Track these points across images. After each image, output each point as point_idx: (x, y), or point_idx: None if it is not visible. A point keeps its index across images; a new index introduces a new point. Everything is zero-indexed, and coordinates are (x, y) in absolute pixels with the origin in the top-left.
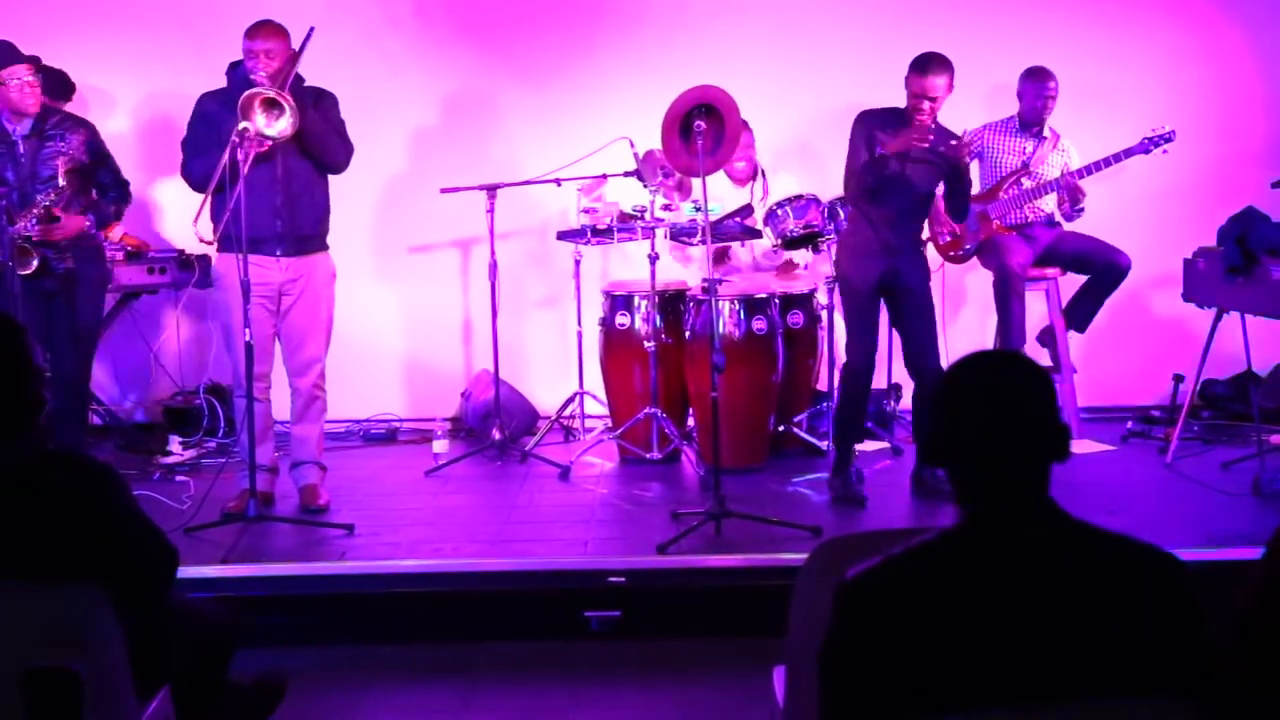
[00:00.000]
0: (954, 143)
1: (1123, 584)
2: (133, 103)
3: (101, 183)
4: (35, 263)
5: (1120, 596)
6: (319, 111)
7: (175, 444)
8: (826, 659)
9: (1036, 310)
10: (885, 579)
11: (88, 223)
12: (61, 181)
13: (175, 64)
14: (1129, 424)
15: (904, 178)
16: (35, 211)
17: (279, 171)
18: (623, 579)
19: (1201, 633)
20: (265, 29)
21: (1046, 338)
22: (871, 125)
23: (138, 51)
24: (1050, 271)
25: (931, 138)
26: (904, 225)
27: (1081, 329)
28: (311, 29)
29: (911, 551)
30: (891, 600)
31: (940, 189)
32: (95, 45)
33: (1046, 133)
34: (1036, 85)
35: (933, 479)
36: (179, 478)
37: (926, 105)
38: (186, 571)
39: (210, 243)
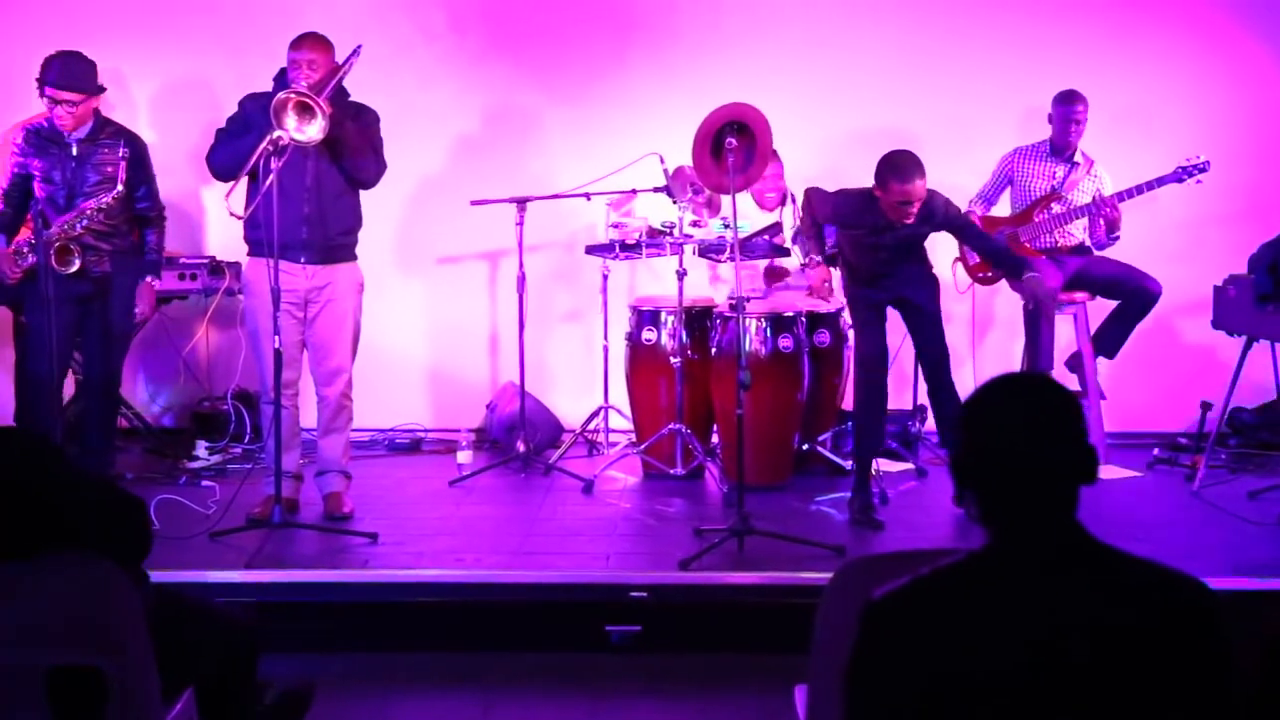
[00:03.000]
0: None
1: (1151, 610)
2: (165, 112)
3: (139, 204)
4: (77, 263)
5: (1148, 622)
6: (357, 125)
7: (202, 449)
8: (852, 679)
9: (1064, 335)
10: (912, 600)
11: (157, 285)
12: (120, 188)
13: (210, 76)
14: (1155, 450)
15: (881, 254)
16: (89, 211)
17: (309, 180)
18: (644, 594)
19: (1229, 661)
20: (309, 40)
21: (1074, 362)
22: (835, 216)
23: (173, 61)
24: (1079, 296)
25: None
26: (899, 274)
27: (1111, 355)
28: (359, 47)
29: (939, 573)
30: (918, 622)
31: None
32: (131, 53)
33: (1079, 158)
34: (1064, 109)
35: None
36: (205, 482)
37: (913, 208)
38: (210, 576)
39: (240, 218)
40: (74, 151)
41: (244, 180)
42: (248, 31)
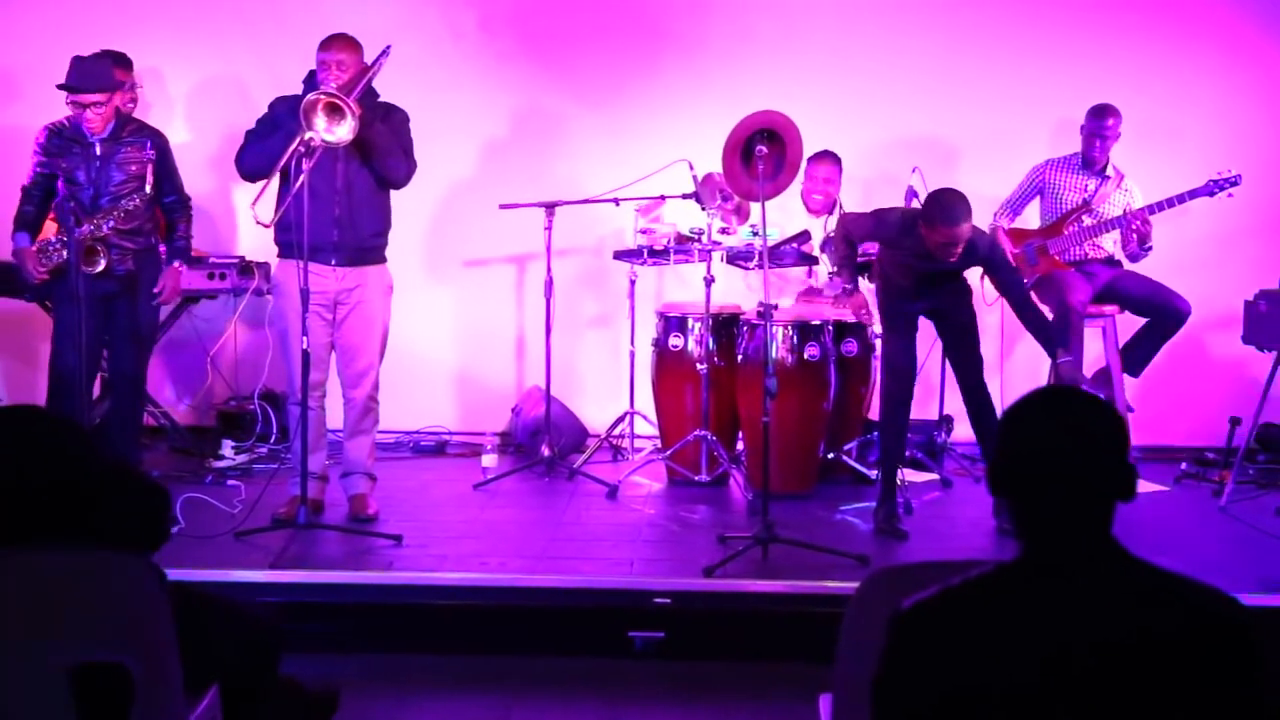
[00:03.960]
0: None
1: (1183, 626)
2: (198, 111)
3: (165, 199)
4: (103, 262)
5: (1179, 638)
6: (387, 125)
7: (228, 448)
8: (879, 688)
9: (1093, 348)
10: (942, 610)
11: (182, 270)
12: (149, 189)
13: (240, 74)
14: (1183, 465)
15: (921, 275)
16: (117, 212)
17: (340, 182)
18: (668, 600)
19: (1261, 679)
20: (338, 41)
21: (1102, 377)
22: (877, 236)
23: (208, 61)
24: (1109, 309)
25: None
26: (936, 289)
27: (1136, 373)
28: (388, 47)
29: (969, 583)
30: (947, 632)
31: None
32: (168, 53)
33: (1110, 171)
34: (1094, 122)
35: None
36: (230, 482)
37: (958, 249)
38: (235, 575)
39: (266, 226)
40: (97, 151)
41: (273, 185)
42: (280, 32)
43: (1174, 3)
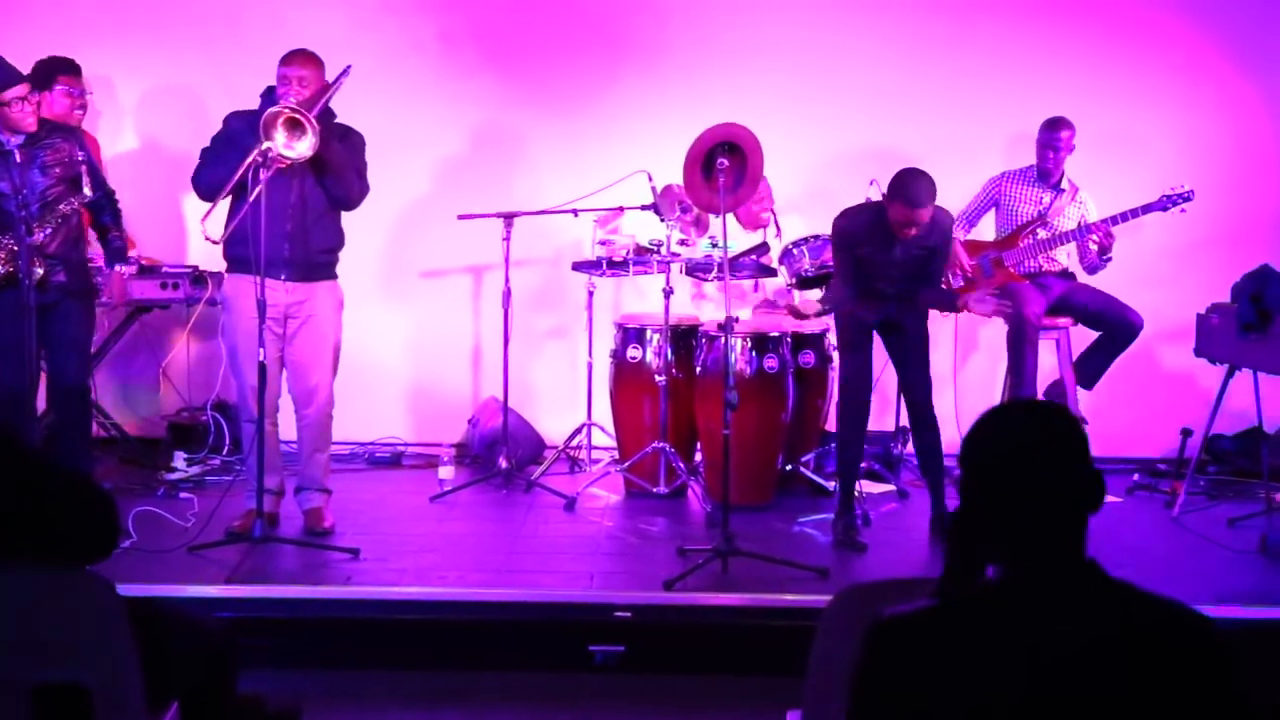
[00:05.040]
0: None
1: (1159, 645)
2: (148, 119)
3: (92, 197)
4: (40, 272)
5: (1156, 657)
6: (344, 147)
7: (180, 460)
8: (855, 698)
9: (1046, 361)
10: (921, 623)
11: (128, 271)
12: (87, 191)
13: (193, 83)
14: (1135, 476)
15: (888, 274)
16: (52, 220)
17: (294, 198)
18: (629, 614)
19: (1237, 699)
20: (300, 56)
21: (1055, 390)
22: (851, 240)
23: (161, 69)
24: (1062, 321)
25: None
26: (899, 295)
27: (1089, 386)
28: (348, 67)
29: (949, 601)
30: (926, 646)
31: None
32: (119, 60)
33: (1065, 185)
34: (1047, 134)
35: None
36: (183, 494)
37: (914, 231)
38: (190, 590)
39: (216, 242)
40: (17, 158)
41: (224, 201)
42: (236, 41)
43: (1131, 18)
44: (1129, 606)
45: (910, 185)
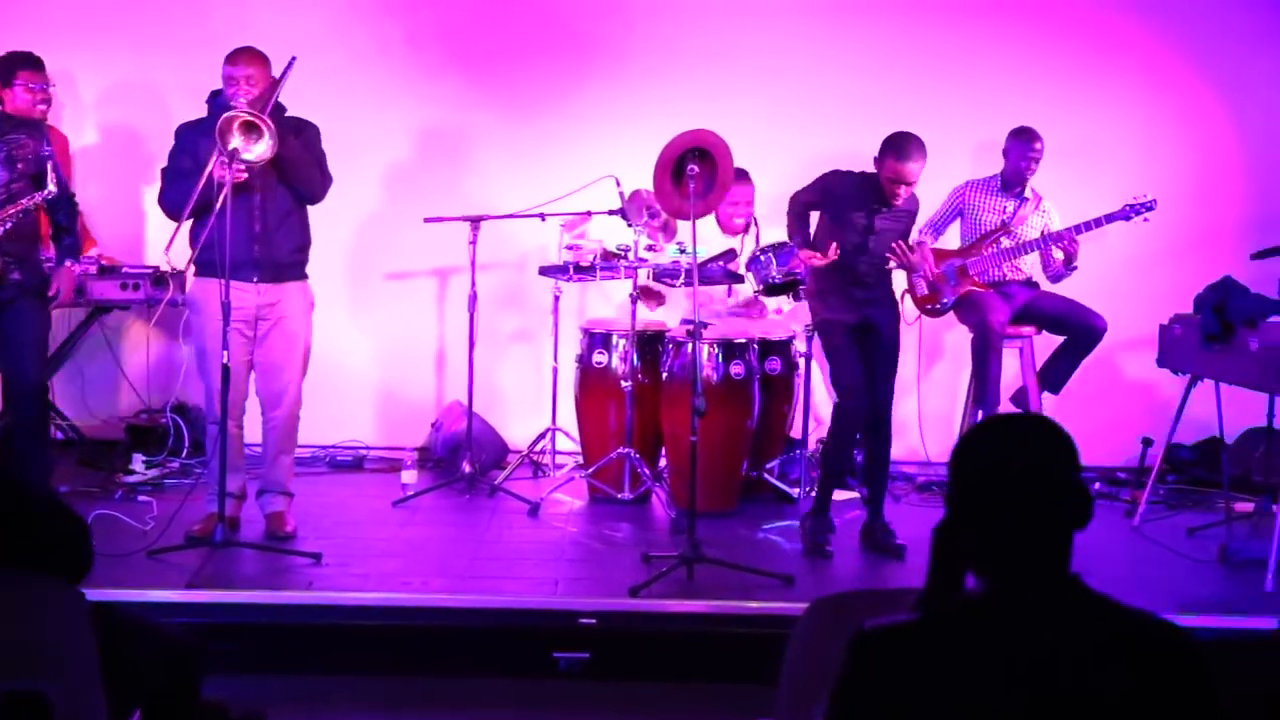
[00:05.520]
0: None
1: (1142, 659)
2: (109, 115)
3: (54, 195)
4: None
5: (1138, 672)
6: (300, 141)
7: (139, 463)
8: (836, 711)
9: (1010, 369)
10: (904, 636)
11: (78, 270)
12: (52, 186)
13: (155, 79)
14: (1096, 484)
15: (866, 247)
16: (12, 216)
17: (258, 200)
18: (594, 620)
19: (1218, 714)
20: (245, 55)
21: (1020, 398)
22: (834, 192)
23: (117, 66)
24: (1026, 330)
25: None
26: (875, 282)
27: (1055, 390)
28: (293, 58)
29: (932, 615)
30: (908, 659)
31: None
32: (80, 55)
33: (1028, 194)
34: (1022, 145)
35: (884, 534)
36: (141, 498)
37: (902, 190)
38: (150, 595)
39: (182, 271)
40: None
41: (184, 223)
42: (200, 37)
43: (1095, 28)
44: (1110, 620)
45: (900, 139)
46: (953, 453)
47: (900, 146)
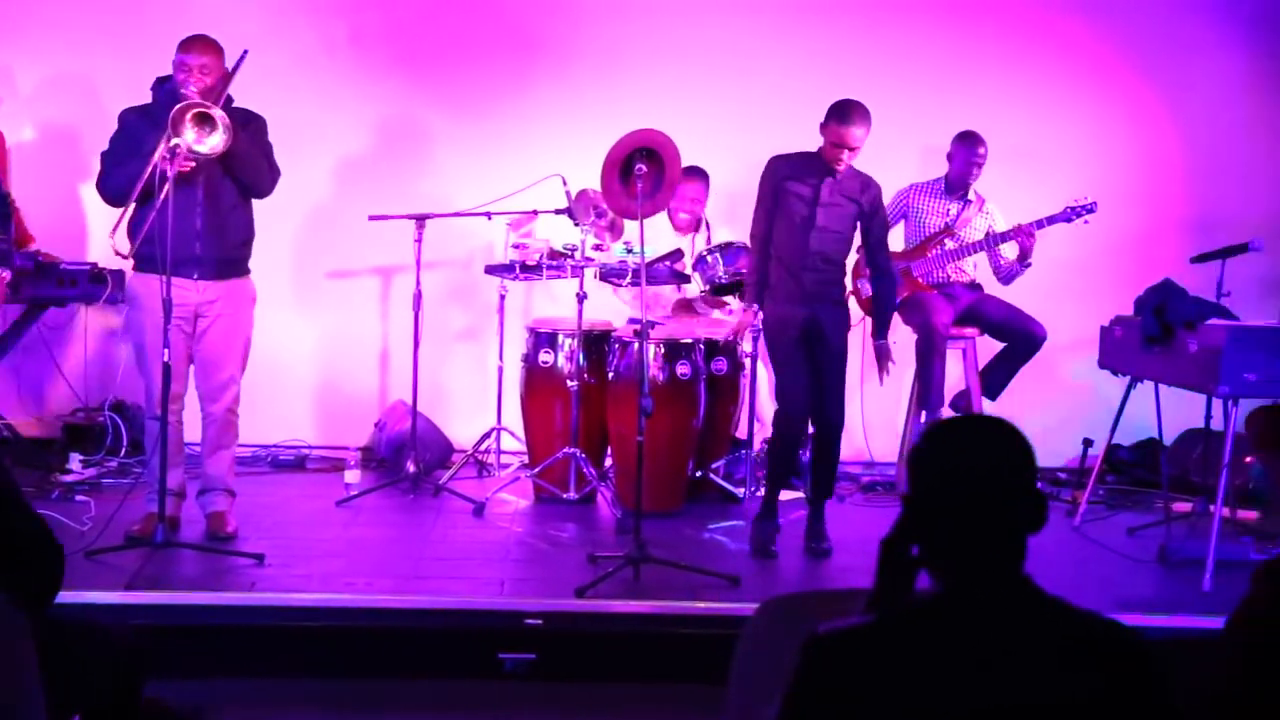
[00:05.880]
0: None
1: (1094, 661)
2: (46, 109)
3: None
4: None
5: (1091, 673)
6: (247, 133)
7: (75, 462)
8: (789, 714)
9: (953, 371)
10: (857, 638)
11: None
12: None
13: (92, 72)
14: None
15: (814, 221)
16: None
17: (201, 194)
18: (540, 621)
19: (1174, 716)
20: (201, 43)
21: (961, 401)
22: (780, 175)
23: (55, 60)
24: (969, 331)
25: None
26: (823, 271)
27: (993, 396)
28: (245, 52)
29: (884, 617)
30: (862, 662)
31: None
32: (9, 53)
33: (971, 196)
34: (967, 150)
35: (814, 538)
36: (79, 497)
37: (845, 155)
38: (89, 596)
39: (126, 257)
40: None
41: (130, 207)
42: (139, 32)
43: (1041, 32)
44: (1063, 622)
45: (844, 105)
46: (911, 453)
47: (844, 111)
